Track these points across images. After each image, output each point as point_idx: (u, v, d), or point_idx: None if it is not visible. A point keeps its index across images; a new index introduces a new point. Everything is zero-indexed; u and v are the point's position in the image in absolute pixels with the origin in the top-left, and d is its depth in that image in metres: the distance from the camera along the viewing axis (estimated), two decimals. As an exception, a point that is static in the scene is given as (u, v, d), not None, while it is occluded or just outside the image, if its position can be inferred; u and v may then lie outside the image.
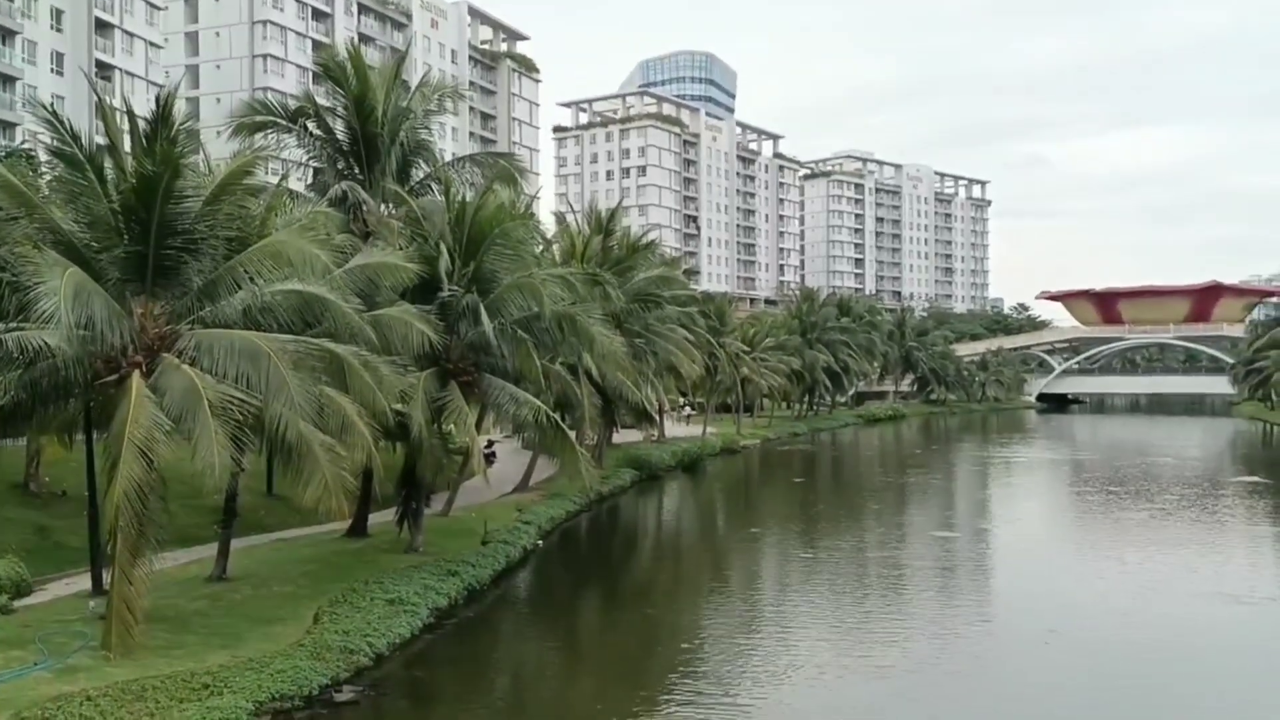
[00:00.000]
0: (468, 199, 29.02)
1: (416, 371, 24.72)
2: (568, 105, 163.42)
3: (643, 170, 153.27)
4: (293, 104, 31.21)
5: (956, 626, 23.34)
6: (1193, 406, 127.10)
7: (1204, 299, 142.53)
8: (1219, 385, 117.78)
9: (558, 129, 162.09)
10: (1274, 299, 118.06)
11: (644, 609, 26.34)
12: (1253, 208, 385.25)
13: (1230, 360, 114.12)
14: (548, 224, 48.53)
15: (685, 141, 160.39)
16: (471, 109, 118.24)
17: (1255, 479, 53.60)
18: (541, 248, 37.87)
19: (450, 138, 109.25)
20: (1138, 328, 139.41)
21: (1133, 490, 48.62)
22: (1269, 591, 27.20)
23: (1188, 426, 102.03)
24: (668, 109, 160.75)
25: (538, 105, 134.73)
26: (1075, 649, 21.41)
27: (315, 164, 31.59)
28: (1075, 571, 30.27)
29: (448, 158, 38.84)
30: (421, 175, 31.57)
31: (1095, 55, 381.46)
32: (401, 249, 25.67)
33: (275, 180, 27.58)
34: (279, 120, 29.87)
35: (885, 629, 23.00)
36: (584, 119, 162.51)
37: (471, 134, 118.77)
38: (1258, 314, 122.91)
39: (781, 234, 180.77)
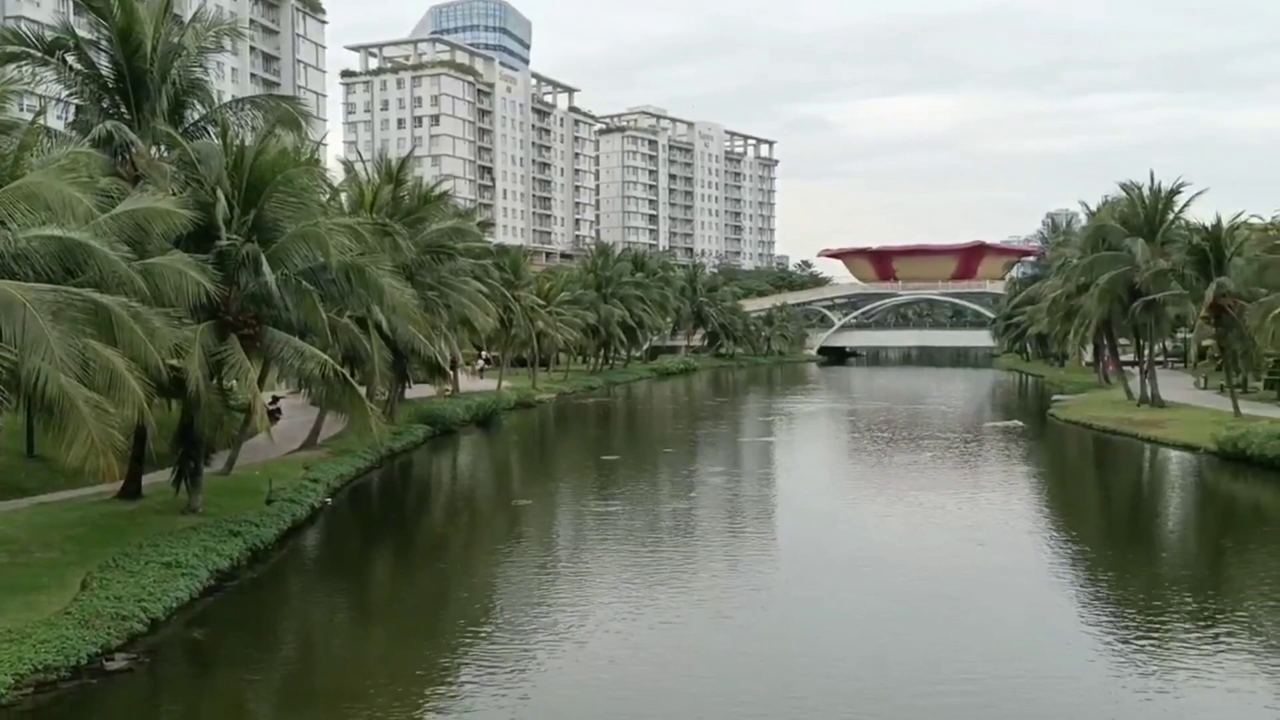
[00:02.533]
0: (248, 143, 27.65)
1: (193, 324, 23.51)
2: (356, 49, 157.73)
3: (436, 119, 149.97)
4: (49, 35, 28.86)
5: (742, 573, 24.29)
6: (958, 359, 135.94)
7: (969, 258, 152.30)
8: (982, 339, 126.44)
9: (346, 74, 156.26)
10: (1031, 258, 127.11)
11: (438, 565, 26.19)
12: (1015, 172, 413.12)
13: (992, 315, 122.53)
14: (335, 172, 46.87)
15: (479, 91, 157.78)
16: (252, 49, 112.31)
17: (1011, 423, 58.25)
18: (328, 196, 36.57)
19: (230, 79, 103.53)
20: (910, 284, 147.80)
21: (904, 435, 51.79)
22: (1016, 529, 29.62)
23: (954, 377, 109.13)
24: (461, 57, 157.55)
25: (324, 48, 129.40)
26: (849, 582, 22.74)
27: (77, 101, 29.35)
28: (851, 514, 32.06)
29: (226, 99, 36.88)
30: (196, 117, 29.86)
31: (873, 21, 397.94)
32: (174, 194, 24.23)
33: (30, 117, 25.43)
34: (33, 52, 27.57)
35: (676, 575, 23.69)
36: (374, 64, 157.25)
37: (253, 76, 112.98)
38: (1016, 272, 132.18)
39: (578, 188, 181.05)
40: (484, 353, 78.57)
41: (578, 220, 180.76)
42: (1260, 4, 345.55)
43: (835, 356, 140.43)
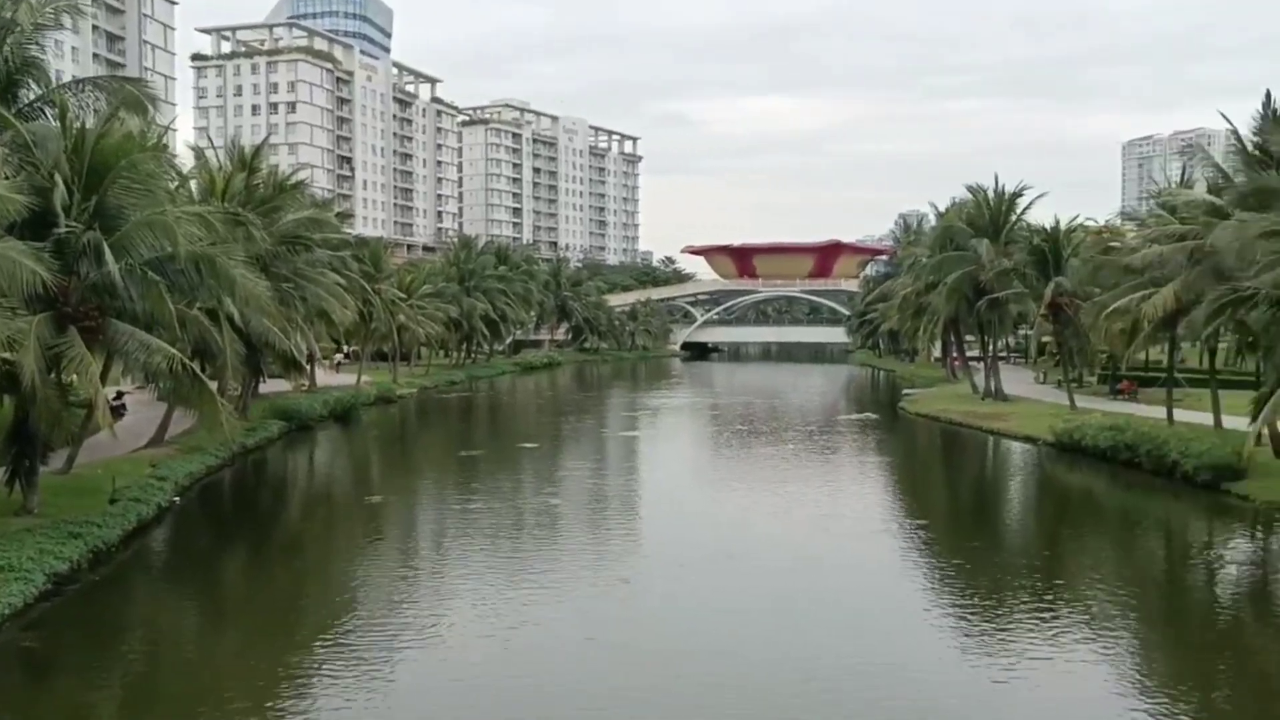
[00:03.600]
0: (89, 126, 26.36)
1: (28, 315, 22.30)
2: (208, 32, 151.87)
3: (292, 107, 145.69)
4: None
5: (605, 567, 24.41)
6: (816, 354, 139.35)
7: (826, 256, 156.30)
8: (838, 335, 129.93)
9: (197, 57, 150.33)
10: (884, 257, 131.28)
11: (292, 564, 25.54)
12: (870, 173, 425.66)
13: (847, 312, 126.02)
14: (184, 158, 45.08)
15: (339, 79, 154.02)
16: (95, 28, 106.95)
17: (865, 415, 60.17)
18: (176, 184, 35.15)
19: (70, 58, 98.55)
20: (770, 282, 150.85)
21: (764, 428, 52.89)
22: (871, 519, 30.64)
23: (811, 372, 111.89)
24: (319, 43, 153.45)
25: (173, 29, 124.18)
26: (711, 573, 23.13)
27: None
28: (713, 506, 32.58)
29: (66, 79, 35.08)
30: (32, 97, 28.28)
31: (736, 22, 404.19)
32: (7, 178, 22.92)
33: None
34: None
35: (539, 570, 23.64)
36: (226, 48, 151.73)
37: (96, 56, 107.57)
38: (870, 270, 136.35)
39: (440, 180, 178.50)
40: (343, 347, 76.82)
41: (440, 212, 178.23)
42: (1098, 17, 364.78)
43: (698, 352, 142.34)
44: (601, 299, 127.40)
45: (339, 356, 77.79)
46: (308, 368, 53.26)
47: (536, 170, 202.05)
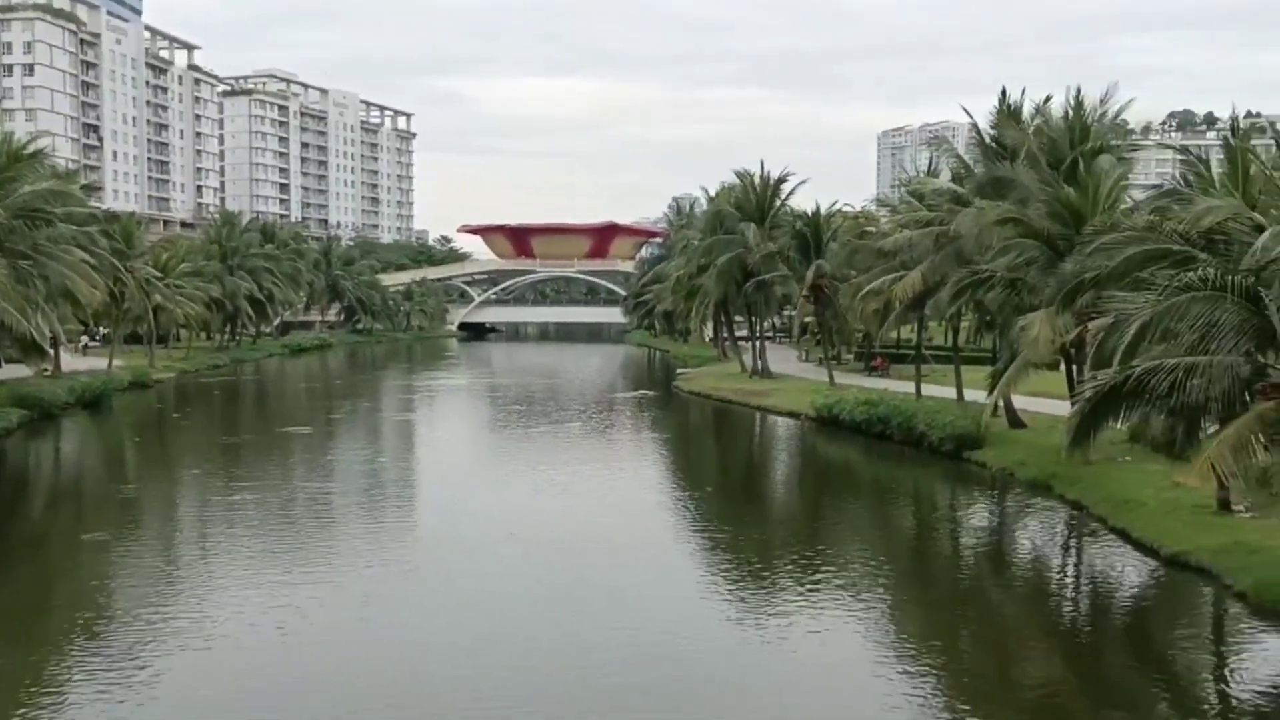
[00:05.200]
0: None
1: None
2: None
3: (29, 69, 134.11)
4: None
5: (383, 558, 24.01)
6: (594, 335, 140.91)
7: (603, 237, 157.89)
8: (615, 315, 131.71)
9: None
10: (658, 239, 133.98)
11: (39, 563, 23.79)
12: (645, 156, 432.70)
13: (623, 293, 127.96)
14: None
15: (83, 41, 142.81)
16: None
17: (641, 393, 61.63)
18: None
19: None
20: (547, 262, 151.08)
21: (543, 408, 53.20)
22: (647, 494, 31.47)
23: (589, 352, 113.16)
24: (60, 2, 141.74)
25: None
26: (491, 555, 23.19)
27: None
28: (488, 486, 32.57)
29: None
30: None
31: (511, 4, 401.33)
32: None
33: None
34: None
35: (311, 563, 23.02)
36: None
37: None
38: (645, 252, 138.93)
39: (199, 153, 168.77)
40: (93, 329, 71.78)
41: (200, 187, 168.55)
42: (857, 15, 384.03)
43: (475, 332, 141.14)
44: (375, 279, 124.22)
45: (86, 339, 72.66)
46: (51, 351, 49.44)
47: (305, 145, 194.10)
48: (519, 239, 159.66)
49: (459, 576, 21.68)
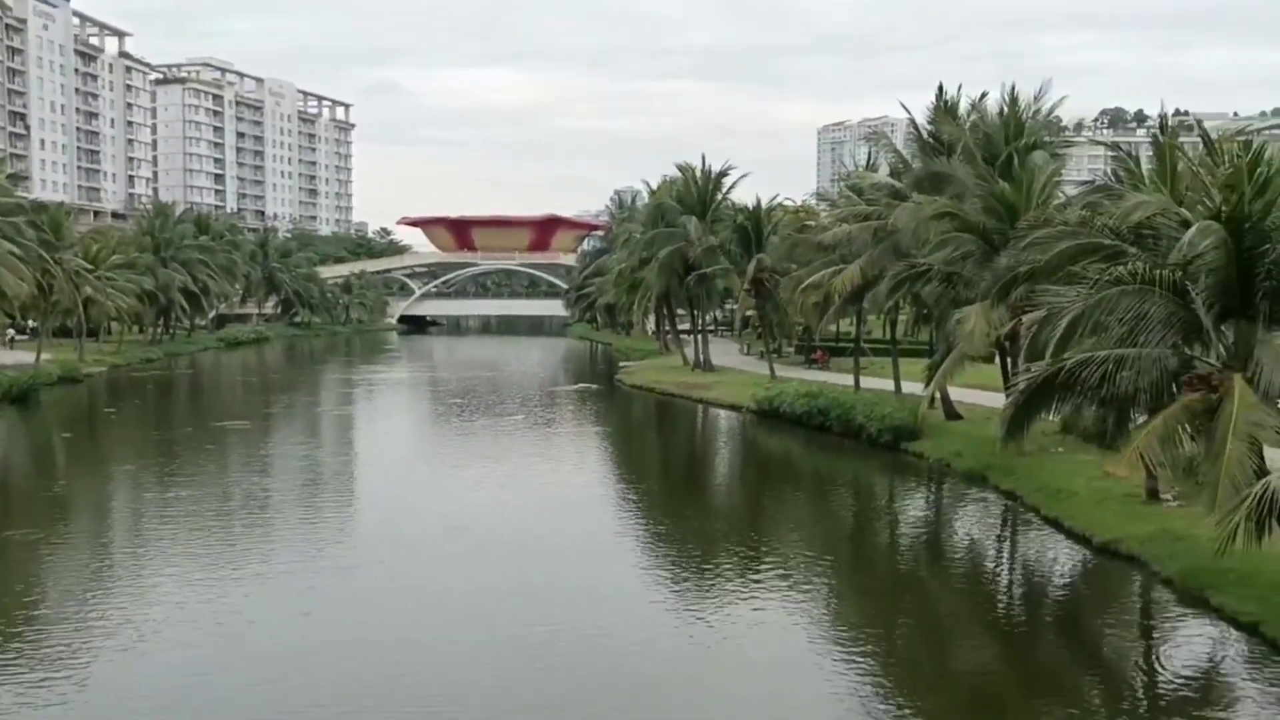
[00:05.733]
0: None
1: None
2: None
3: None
4: None
5: (323, 555, 23.75)
6: (535, 328, 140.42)
7: (544, 230, 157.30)
8: (556, 309, 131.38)
9: None
10: (600, 232, 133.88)
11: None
12: (587, 149, 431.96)
13: (565, 286, 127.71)
14: None
15: (9, 26, 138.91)
16: None
17: (582, 386, 61.60)
18: None
19: None
20: (489, 254, 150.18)
21: (484, 402, 52.90)
22: (589, 488, 31.47)
23: (531, 345, 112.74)
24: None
25: None
26: (425, 554, 23.04)
27: None
28: (429, 480, 32.37)
29: None
30: None
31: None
32: None
33: None
34: None
35: (250, 561, 22.68)
36: None
37: None
38: (587, 245, 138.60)
39: (131, 142, 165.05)
40: (19, 322, 69.96)
41: (132, 177, 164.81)
42: (798, 10, 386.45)
43: (416, 325, 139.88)
44: (313, 271, 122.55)
45: (13, 333, 70.85)
46: (-24, 346, 48.16)
47: (240, 135, 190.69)
48: (460, 231, 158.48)
49: (400, 573, 21.50)
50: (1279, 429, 16.14)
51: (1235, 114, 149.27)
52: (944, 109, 38.24)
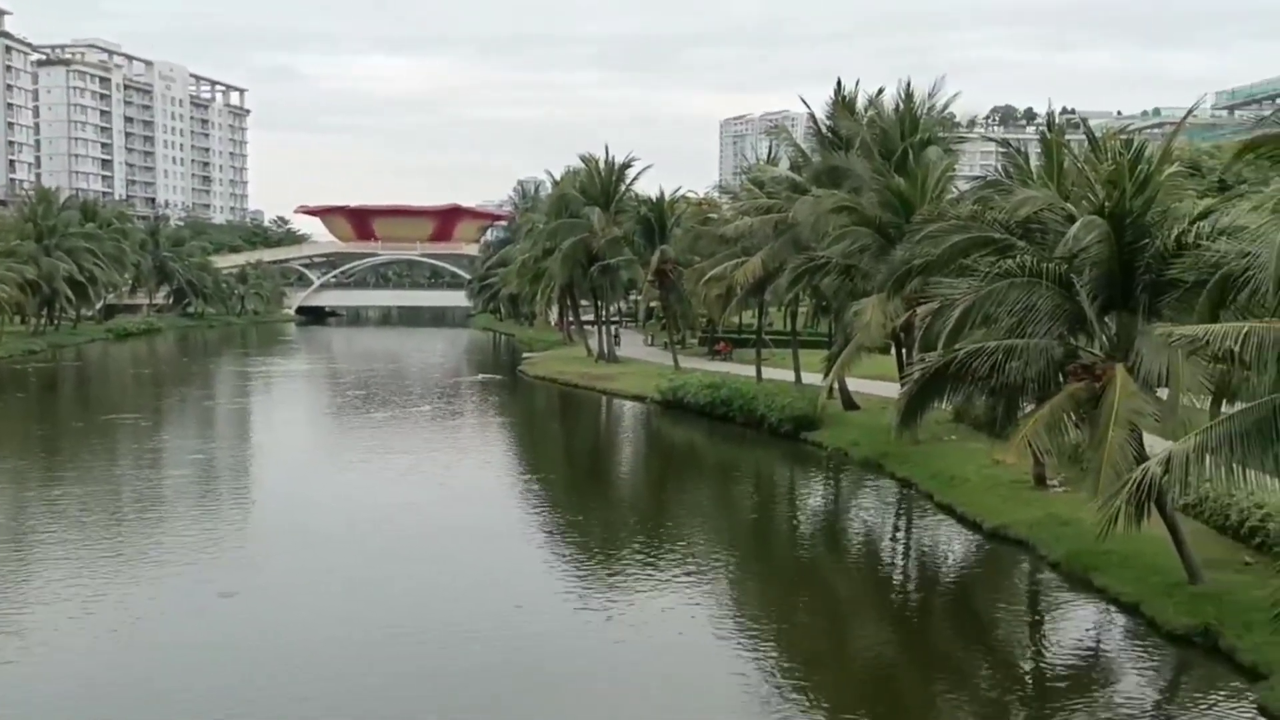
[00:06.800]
0: None
1: None
2: None
3: None
4: None
5: (219, 553, 23.19)
6: (438, 319, 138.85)
7: (446, 220, 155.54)
8: (459, 299, 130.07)
9: None
10: (503, 222, 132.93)
11: None
12: (489, 138, 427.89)
13: (468, 276, 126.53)
14: None
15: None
16: None
17: (485, 377, 61.29)
18: None
19: None
20: (390, 244, 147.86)
21: (385, 394, 52.14)
22: (493, 481, 31.32)
23: (433, 337, 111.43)
24: None
25: None
26: (329, 548, 22.66)
27: None
28: (328, 474, 31.83)
29: None
30: None
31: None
32: None
33: None
34: None
35: (142, 559, 22.04)
36: None
37: None
38: (490, 235, 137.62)
39: (11, 125, 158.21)
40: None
41: (13, 162, 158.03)
42: (701, 1, 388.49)
43: (314, 316, 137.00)
44: (207, 260, 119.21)
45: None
46: None
47: (129, 120, 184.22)
48: (360, 221, 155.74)
49: (299, 569, 21.14)
50: (1158, 416, 16.85)
51: (1119, 113, 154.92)
52: (843, 104, 38.87)
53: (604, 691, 15.40)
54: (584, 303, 67.78)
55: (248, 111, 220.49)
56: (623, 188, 60.50)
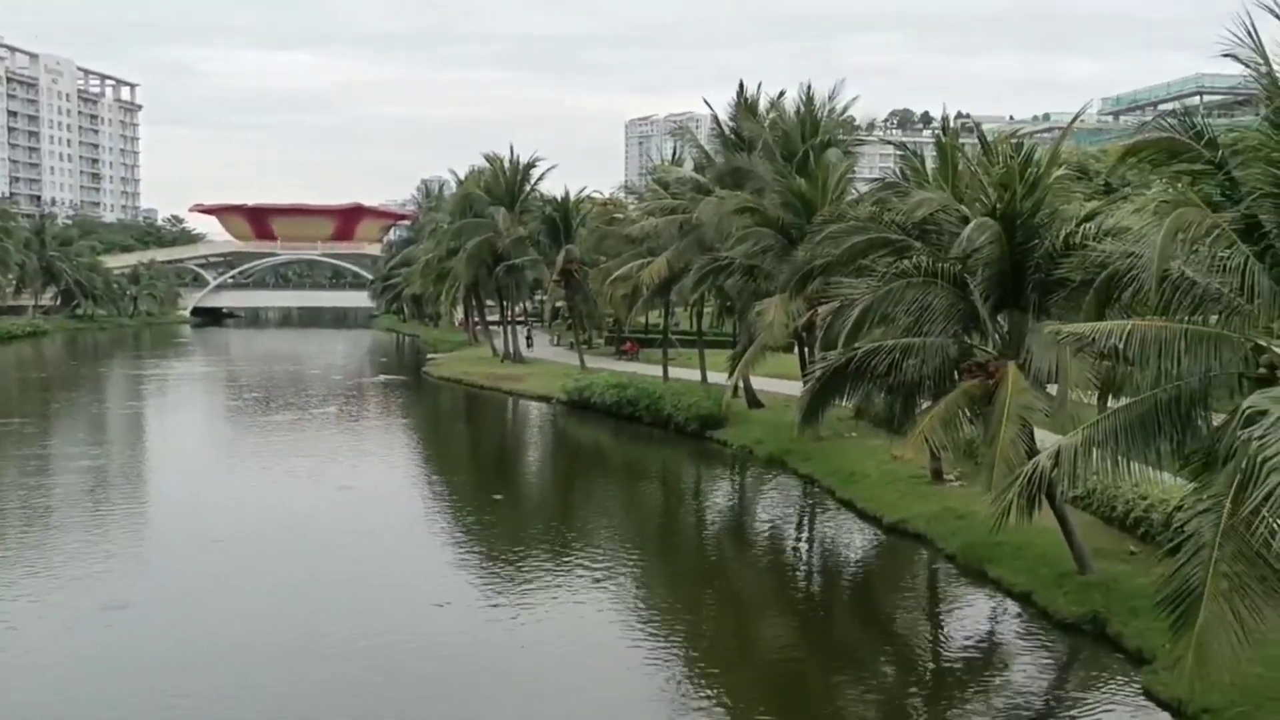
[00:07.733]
0: None
1: None
2: None
3: None
4: None
5: (112, 562, 22.46)
6: (340, 320, 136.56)
7: (348, 219, 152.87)
8: (362, 300, 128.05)
9: None
10: (406, 222, 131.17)
11: None
12: (392, 136, 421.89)
13: (370, 277, 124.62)
14: None
15: None
16: None
17: (387, 378, 60.52)
18: None
19: None
20: (289, 244, 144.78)
21: (285, 397, 51.07)
22: (395, 484, 30.93)
23: (335, 338, 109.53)
24: None
25: None
26: (236, 550, 22.11)
27: None
28: (226, 479, 31.04)
29: None
30: None
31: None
32: None
33: None
34: None
35: (22, 570, 21.23)
36: None
37: None
38: (393, 235, 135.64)
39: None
40: None
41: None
42: (604, 1, 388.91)
43: (211, 317, 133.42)
44: (96, 260, 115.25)
45: None
46: None
47: (12, 114, 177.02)
48: (258, 220, 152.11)
49: (197, 577, 20.57)
50: (1048, 412, 17.42)
51: (1011, 118, 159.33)
52: (745, 106, 39.31)
53: (514, 701, 15.30)
54: (489, 303, 67.36)
55: (139, 107, 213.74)
56: (528, 187, 60.25)
